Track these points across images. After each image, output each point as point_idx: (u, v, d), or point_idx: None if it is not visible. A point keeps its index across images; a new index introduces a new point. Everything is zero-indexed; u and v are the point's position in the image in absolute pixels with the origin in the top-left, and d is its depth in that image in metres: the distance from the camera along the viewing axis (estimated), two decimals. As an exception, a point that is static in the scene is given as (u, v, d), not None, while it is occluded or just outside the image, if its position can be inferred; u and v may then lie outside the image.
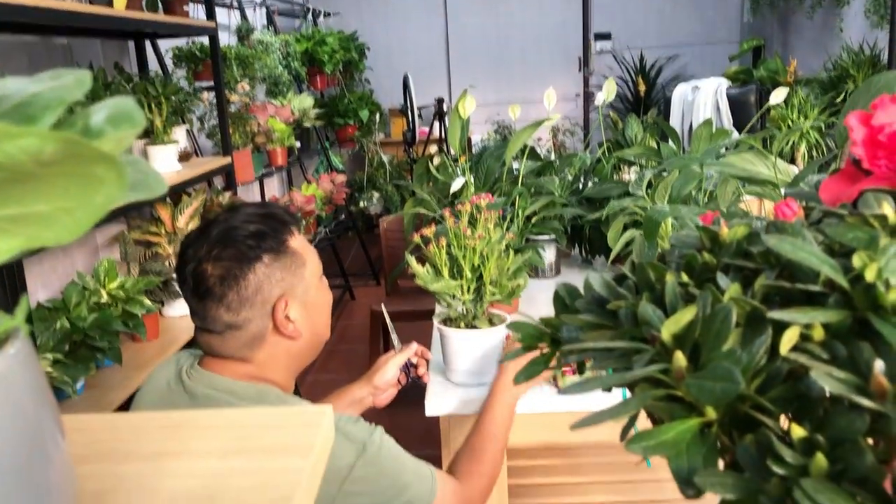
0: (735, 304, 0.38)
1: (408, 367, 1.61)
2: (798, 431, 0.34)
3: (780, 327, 0.38)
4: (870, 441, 0.34)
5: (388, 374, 1.56)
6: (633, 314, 0.45)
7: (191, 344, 2.38)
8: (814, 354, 0.37)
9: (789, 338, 0.37)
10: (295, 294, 1.20)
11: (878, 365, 0.34)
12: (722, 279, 0.43)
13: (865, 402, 0.33)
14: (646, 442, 0.36)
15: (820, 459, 0.33)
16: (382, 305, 1.94)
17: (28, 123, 0.28)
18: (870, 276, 0.37)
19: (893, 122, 0.49)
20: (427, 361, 1.64)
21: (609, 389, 0.41)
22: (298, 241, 1.23)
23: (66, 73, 0.31)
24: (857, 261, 0.38)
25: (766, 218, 0.53)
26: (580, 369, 0.54)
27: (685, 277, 0.47)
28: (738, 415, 0.37)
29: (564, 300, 0.54)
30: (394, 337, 1.71)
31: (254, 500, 0.37)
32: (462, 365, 1.57)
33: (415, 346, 1.63)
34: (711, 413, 0.37)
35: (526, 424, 1.55)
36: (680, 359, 0.38)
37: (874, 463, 0.32)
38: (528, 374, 0.54)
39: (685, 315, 0.39)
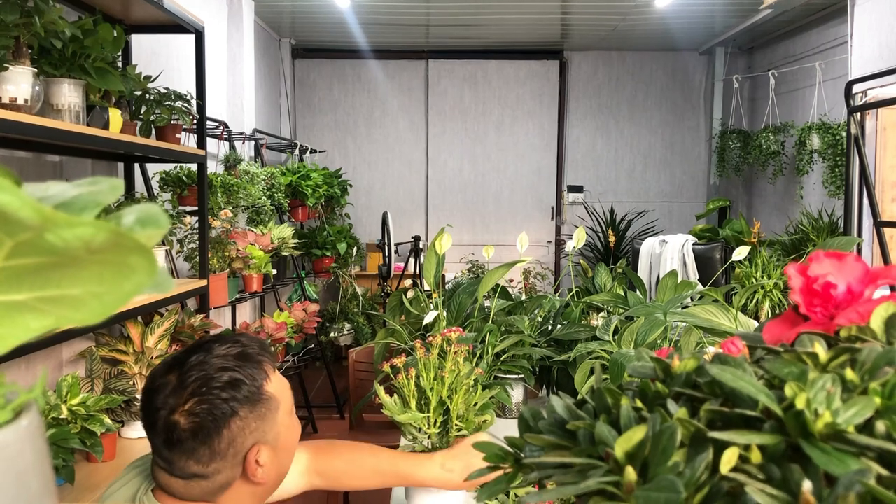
0: (680, 425, 0.42)
1: None
2: (734, 541, 0.37)
3: (722, 448, 0.42)
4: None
5: None
6: (591, 434, 0.49)
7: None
8: (751, 474, 0.40)
9: (728, 458, 0.40)
10: (266, 440, 1.16)
11: (807, 485, 0.38)
12: (672, 405, 0.47)
13: (794, 516, 0.36)
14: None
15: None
16: None
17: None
18: (800, 404, 0.41)
19: (827, 274, 0.55)
20: None
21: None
22: (273, 384, 1.19)
23: (102, 180, 0.36)
24: (788, 390, 0.42)
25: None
26: (541, 488, 0.57)
27: (639, 403, 0.51)
28: (683, 528, 0.40)
29: (528, 422, 0.57)
30: None
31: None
32: (424, 500, 1.56)
33: None
34: (658, 525, 0.40)
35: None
36: (630, 473, 0.41)
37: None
38: (491, 493, 0.56)
39: (637, 433, 0.43)
